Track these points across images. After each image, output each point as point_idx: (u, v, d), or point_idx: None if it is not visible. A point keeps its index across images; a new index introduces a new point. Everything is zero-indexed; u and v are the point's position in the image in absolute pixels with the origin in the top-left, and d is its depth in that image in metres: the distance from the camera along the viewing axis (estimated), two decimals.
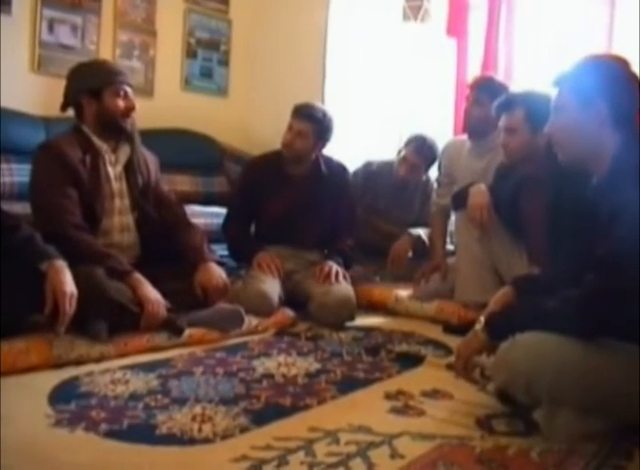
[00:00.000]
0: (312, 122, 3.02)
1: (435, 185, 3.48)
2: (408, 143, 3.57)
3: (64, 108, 2.55)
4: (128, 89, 2.52)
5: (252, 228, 3.24)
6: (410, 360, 2.36)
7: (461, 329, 2.42)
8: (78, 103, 2.50)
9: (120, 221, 2.52)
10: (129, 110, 2.51)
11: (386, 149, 4.09)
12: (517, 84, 3.92)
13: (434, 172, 3.62)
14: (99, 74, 2.49)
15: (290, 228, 3.08)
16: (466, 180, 3.06)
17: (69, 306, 2.01)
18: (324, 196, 3.13)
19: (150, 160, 2.67)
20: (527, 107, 2.57)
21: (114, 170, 2.52)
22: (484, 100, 3.03)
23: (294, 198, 3.08)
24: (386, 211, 3.67)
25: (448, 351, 2.48)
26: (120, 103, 2.49)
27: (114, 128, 2.50)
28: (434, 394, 2.01)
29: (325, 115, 3.07)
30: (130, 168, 2.57)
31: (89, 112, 2.49)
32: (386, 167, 3.70)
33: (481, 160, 3.10)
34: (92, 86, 2.47)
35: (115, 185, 2.53)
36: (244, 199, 3.14)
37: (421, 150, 3.51)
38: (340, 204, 3.18)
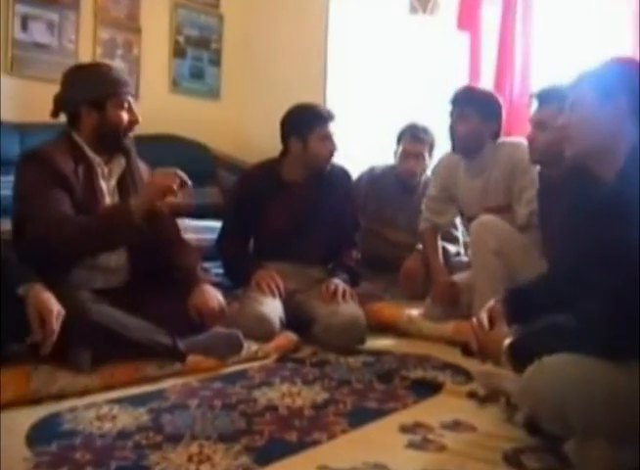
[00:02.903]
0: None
1: (426, 199, 3.42)
2: (401, 136, 3.60)
3: (55, 114, 2.50)
4: (132, 100, 2.48)
5: (251, 244, 3.22)
6: (427, 388, 2.34)
7: None
8: (76, 112, 2.45)
9: None
10: (133, 124, 2.47)
11: (391, 152, 4.06)
12: (536, 82, 3.93)
13: None
14: (103, 84, 2.43)
15: (291, 242, 3.06)
16: (466, 199, 3.15)
17: (56, 324, 1.97)
18: (327, 204, 3.11)
19: (144, 172, 2.64)
20: (562, 102, 2.56)
21: (107, 185, 2.48)
22: (469, 113, 3.04)
23: (295, 208, 3.06)
24: (392, 219, 3.66)
25: (468, 376, 2.46)
26: (124, 116, 2.44)
27: (114, 143, 2.46)
28: (455, 425, 1.98)
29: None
30: (124, 183, 2.53)
31: (87, 123, 2.43)
32: (390, 172, 3.70)
33: (479, 178, 3.12)
34: (95, 96, 2.41)
35: (108, 201, 2.48)
36: (240, 212, 3.12)
37: (417, 136, 3.57)
38: (344, 213, 3.18)
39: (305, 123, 3.00)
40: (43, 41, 3.87)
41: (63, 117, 2.53)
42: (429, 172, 3.65)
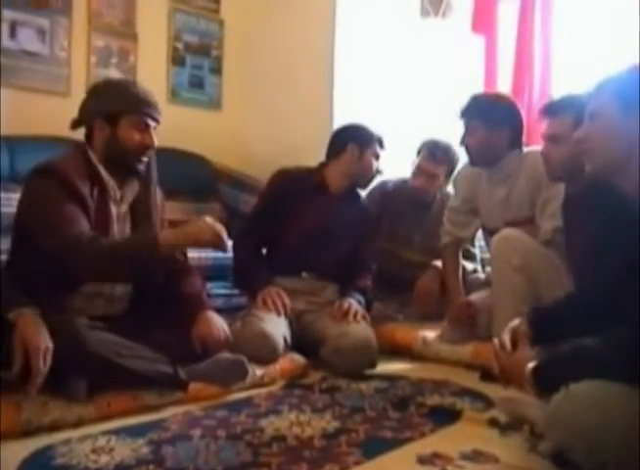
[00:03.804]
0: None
1: (447, 211, 3.44)
2: (420, 150, 3.61)
3: (74, 126, 2.49)
4: (152, 123, 2.45)
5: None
6: (445, 415, 2.32)
7: None
8: (91, 125, 2.44)
9: None
10: (145, 147, 2.44)
11: (405, 164, 4.06)
12: (557, 87, 3.93)
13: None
14: (120, 98, 2.41)
15: (309, 254, 3.12)
16: (488, 211, 3.15)
17: (44, 364, 1.97)
18: (354, 225, 3.22)
19: (160, 200, 2.64)
20: (577, 112, 2.55)
21: (117, 210, 2.47)
22: (476, 125, 3.05)
23: (324, 219, 3.14)
24: (406, 237, 3.66)
25: (489, 402, 2.45)
26: (136, 136, 2.41)
27: (124, 165, 2.44)
28: (475, 456, 1.96)
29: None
30: (137, 210, 2.52)
31: (99, 137, 2.42)
32: (403, 187, 3.70)
33: (500, 189, 3.11)
34: (109, 110, 2.40)
35: (117, 227, 2.47)
36: (269, 209, 3.16)
37: (435, 155, 3.56)
38: (364, 236, 3.28)
39: (367, 136, 3.18)
40: (33, 49, 3.88)
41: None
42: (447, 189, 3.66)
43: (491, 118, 3.02)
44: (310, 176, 3.20)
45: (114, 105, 2.41)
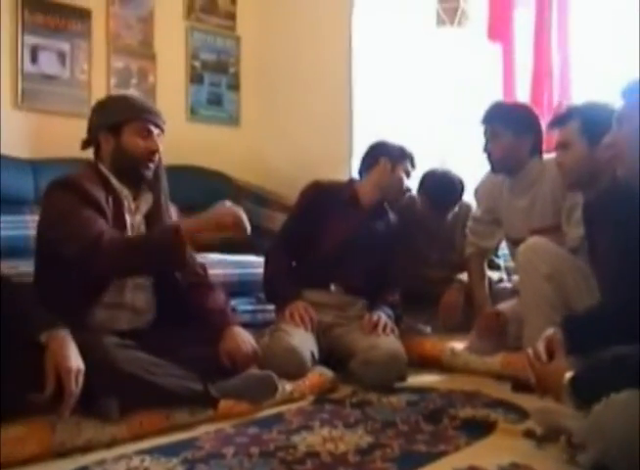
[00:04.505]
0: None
1: (470, 222, 3.42)
2: (420, 189, 3.55)
3: (84, 146, 2.55)
4: (155, 130, 2.49)
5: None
6: (478, 427, 2.30)
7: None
8: (97, 139, 2.50)
9: (134, 279, 2.49)
10: (150, 152, 2.48)
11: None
12: (576, 94, 3.91)
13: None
14: (120, 109, 2.49)
15: (338, 267, 3.12)
16: (511, 221, 3.12)
17: (76, 386, 1.97)
18: (385, 239, 3.23)
19: (173, 213, 2.67)
20: (583, 117, 2.58)
21: (132, 220, 2.50)
22: (501, 131, 3.03)
23: (355, 232, 3.15)
24: (423, 254, 3.62)
25: (522, 413, 2.42)
26: (140, 142, 2.46)
27: (132, 173, 2.48)
28: (513, 469, 1.93)
29: None
30: (152, 221, 2.54)
31: (106, 149, 2.49)
32: (410, 205, 3.63)
33: (523, 197, 3.09)
34: (111, 121, 2.47)
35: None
36: (301, 222, 3.19)
37: (437, 203, 3.51)
38: (394, 252, 3.28)
39: (400, 151, 3.22)
40: (54, 73, 3.93)
41: (80, 153, 2.57)
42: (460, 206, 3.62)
43: (516, 124, 3.01)
44: (342, 190, 3.23)
45: (116, 115, 2.47)
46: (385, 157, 3.17)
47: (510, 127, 2.99)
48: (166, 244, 2.28)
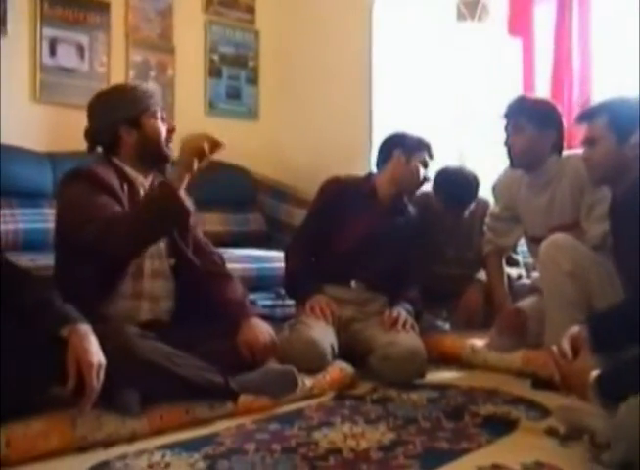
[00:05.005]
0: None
1: (488, 219, 3.39)
2: (435, 188, 3.50)
3: (92, 148, 2.56)
4: (163, 111, 2.58)
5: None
6: (500, 425, 2.28)
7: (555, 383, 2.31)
8: (115, 136, 2.50)
9: (152, 266, 2.50)
10: (171, 132, 2.54)
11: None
12: (598, 90, 3.87)
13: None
14: (134, 100, 2.50)
15: (358, 262, 3.11)
16: (530, 218, 3.09)
17: (97, 381, 1.96)
18: (405, 234, 3.20)
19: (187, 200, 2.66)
20: (611, 113, 2.53)
21: None
22: (524, 125, 2.98)
23: (375, 227, 3.13)
24: (439, 251, 3.59)
25: (544, 411, 2.40)
26: (161, 126, 2.52)
27: (158, 156, 2.51)
28: (538, 468, 1.91)
29: None
30: None
31: (129, 142, 2.49)
32: (425, 202, 3.59)
33: (542, 194, 3.05)
34: (130, 115, 2.48)
35: None
36: (320, 217, 3.18)
37: (453, 201, 3.46)
38: (414, 246, 3.25)
39: (414, 142, 3.18)
40: (73, 65, 3.93)
41: None
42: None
43: (539, 118, 2.97)
44: (360, 185, 3.22)
45: (133, 108, 2.49)
46: (399, 149, 3.15)
47: (533, 122, 2.96)
48: (166, 203, 2.26)
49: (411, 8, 4.38)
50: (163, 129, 2.52)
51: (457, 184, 3.45)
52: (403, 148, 3.15)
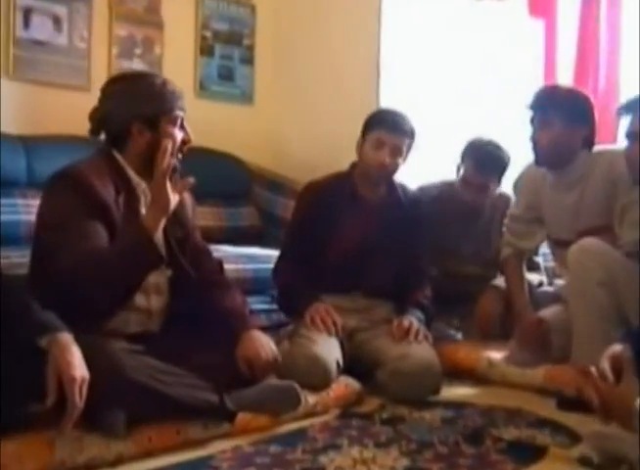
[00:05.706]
0: (408, 137, 3.06)
1: (508, 220, 3.34)
2: (464, 156, 3.47)
3: (95, 132, 2.49)
4: (184, 117, 2.49)
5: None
6: (525, 451, 2.23)
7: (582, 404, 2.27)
8: (124, 131, 2.42)
9: (147, 281, 2.43)
10: (186, 143, 2.47)
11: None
12: (625, 75, 3.85)
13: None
14: (160, 98, 2.42)
15: (357, 270, 3.05)
16: (555, 219, 3.06)
17: (80, 397, 1.91)
18: (401, 229, 3.11)
19: (188, 202, 2.63)
20: None
21: None
22: (553, 119, 2.93)
23: (367, 228, 3.07)
24: (455, 249, 3.55)
25: (572, 435, 2.35)
26: (177, 134, 2.43)
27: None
28: None
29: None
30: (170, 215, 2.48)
31: (139, 142, 2.41)
32: (450, 192, 3.57)
33: (569, 194, 3.01)
34: (149, 112, 2.40)
35: None
36: (303, 229, 3.11)
37: (483, 166, 3.40)
38: (416, 242, 3.17)
39: (373, 118, 3.08)
40: (49, 40, 3.87)
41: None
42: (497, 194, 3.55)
43: (571, 113, 2.91)
44: (341, 184, 3.12)
45: (153, 107, 2.41)
46: (361, 133, 3.07)
47: (563, 116, 2.89)
48: (135, 245, 2.23)
49: None
50: (179, 138, 2.43)
51: (487, 150, 3.41)
52: (363, 130, 3.07)
